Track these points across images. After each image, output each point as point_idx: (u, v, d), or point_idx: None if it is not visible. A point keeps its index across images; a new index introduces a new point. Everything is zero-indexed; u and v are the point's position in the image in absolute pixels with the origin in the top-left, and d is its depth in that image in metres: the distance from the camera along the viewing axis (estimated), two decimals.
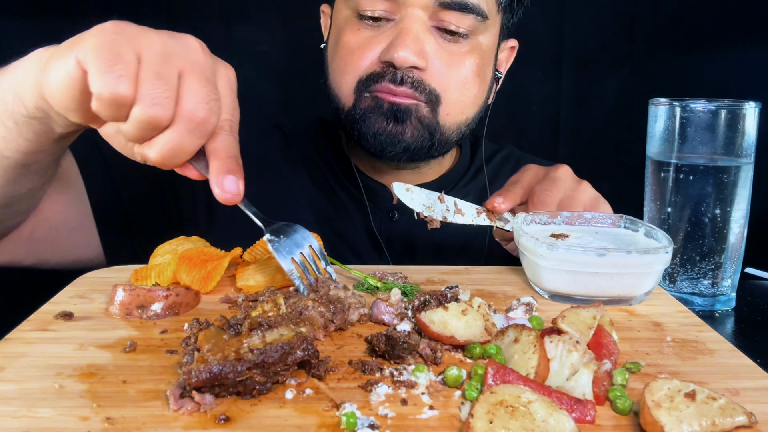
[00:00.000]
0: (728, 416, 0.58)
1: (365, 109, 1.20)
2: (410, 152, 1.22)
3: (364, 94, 1.20)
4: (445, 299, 0.80)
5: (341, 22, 1.25)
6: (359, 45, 1.20)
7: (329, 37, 1.32)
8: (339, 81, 1.24)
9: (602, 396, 0.64)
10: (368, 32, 1.20)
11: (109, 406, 0.61)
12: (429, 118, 1.20)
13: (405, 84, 1.17)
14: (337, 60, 1.24)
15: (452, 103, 1.22)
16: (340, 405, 0.62)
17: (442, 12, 1.17)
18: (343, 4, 1.25)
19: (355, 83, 1.21)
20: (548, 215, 1.06)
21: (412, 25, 1.16)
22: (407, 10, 1.17)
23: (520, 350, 0.70)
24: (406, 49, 1.14)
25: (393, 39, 1.17)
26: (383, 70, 1.18)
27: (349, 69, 1.21)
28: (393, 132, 1.19)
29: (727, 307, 1.04)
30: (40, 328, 0.78)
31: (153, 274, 0.93)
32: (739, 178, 1.01)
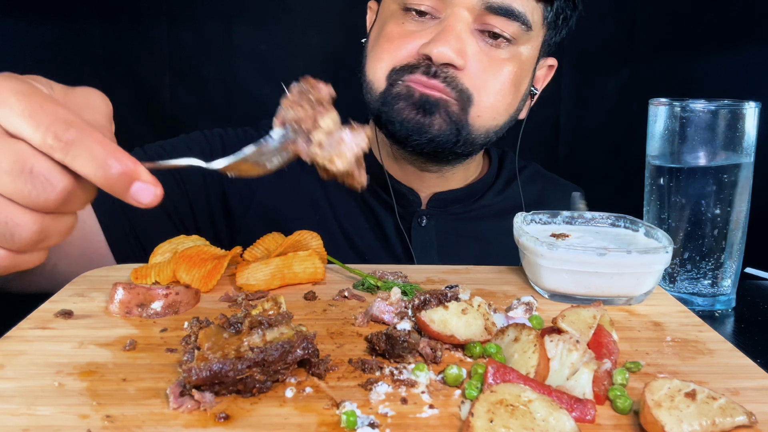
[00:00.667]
0: (728, 416, 0.58)
1: (395, 95, 1.20)
2: (434, 144, 1.22)
3: (397, 81, 1.21)
4: (445, 298, 0.80)
5: (386, 16, 1.27)
6: (400, 35, 1.22)
7: (372, 29, 1.33)
8: (374, 67, 1.25)
9: (602, 395, 0.64)
10: (412, 26, 1.22)
11: (108, 404, 0.61)
12: (458, 114, 1.20)
13: (437, 78, 1.17)
14: (376, 48, 1.26)
15: (485, 106, 1.22)
16: (340, 404, 0.62)
17: (488, 16, 1.18)
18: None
19: (389, 70, 1.22)
20: (548, 215, 1.06)
21: (455, 23, 1.17)
22: (453, 9, 1.18)
23: (520, 349, 0.70)
24: (446, 46, 1.15)
25: (435, 35, 1.18)
26: (418, 62, 1.19)
27: (386, 56, 1.23)
28: (421, 122, 1.19)
29: (727, 307, 1.04)
30: (40, 327, 0.78)
31: (153, 273, 0.93)
32: (739, 178, 1.01)
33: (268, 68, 1.98)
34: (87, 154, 0.55)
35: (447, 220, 1.39)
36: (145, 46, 1.93)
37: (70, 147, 0.55)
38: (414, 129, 1.20)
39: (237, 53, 1.96)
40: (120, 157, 0.56)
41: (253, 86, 1.98)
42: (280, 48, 1.97)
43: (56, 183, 0.56)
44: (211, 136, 1.41)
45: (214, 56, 1.97)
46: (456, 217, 1.40)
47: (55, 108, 0.55)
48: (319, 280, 0.98)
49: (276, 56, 1.98)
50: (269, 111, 2.25)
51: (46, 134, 0.54)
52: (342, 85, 1.35)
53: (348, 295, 0.92)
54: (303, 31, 1.96)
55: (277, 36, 1.97)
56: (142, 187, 0.58)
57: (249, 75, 1.97)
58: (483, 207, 1.42)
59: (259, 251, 1.02)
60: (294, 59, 1.97)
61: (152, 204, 0.59)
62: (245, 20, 1.96)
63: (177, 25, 1.93)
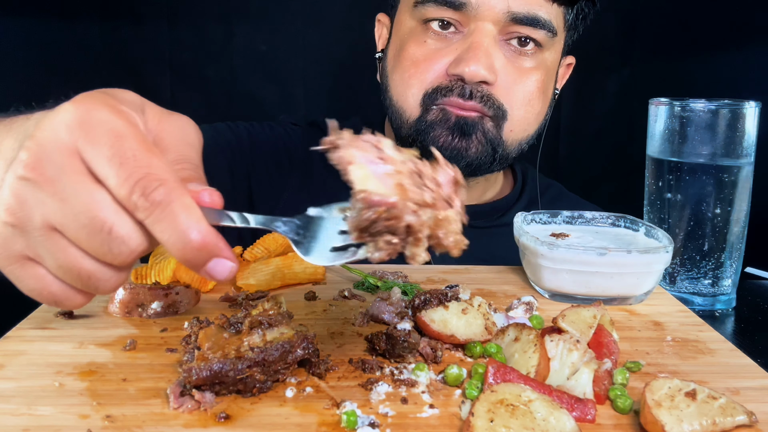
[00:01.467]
0: (728, 415, 0.58)
1: (432, 121, 1.18)
2: (473, 167, 1.20)
3: (431, 106, 1.18)
4: (445, 298, 0.80)
5: (405, 34, 1.23)
6: (425, 57, 1.18)
7: (388, 47, 1.30)
8: (404, 93, 1.22)
9: (603, 395, 0.64)
10: (435, 44, 1.19)
11: (109, 404, 0.61)
12: (493, 133, 1.19)
13: (474, 98, 1.15)
14: (401, 72, 1.22)
15: (517, 119, 1.21)
16: (340, 403, 0.62)
17: (513, 26, 1.16)
18: (407, 14, 1.22)
19: (421, 95, 1.19)
20: (548, 215, 1.06)
21: (482, 39, 1.14)
22: (477, 24, 1.15)
23: (520, 349, 0.70)
24: (477, 64, 1.12)
25: (462, 52, 1.15)
26: (451, 84, 1.16)
27: (415, 81, 1.19)
28: (458, 147, 1.17)
29: (728, 307, 1.04)
30: (40, 326, 0.78)
31: (153, 273, 0.93)
32: (739, 177, 1.01)
33: (268, 68, 1.98)
34: (170, 221, 0.51)
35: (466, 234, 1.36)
36: (145, 46, 1.93)
37: (155, 209, 0.51)
38: (452, 156, 1.17)
39: (237, 53, 1.96)
40: (202, 230, 0.52)
41: (253, 86, 1.98)
42: (280, 48, 1.97)
43: (133, 246, 0.53)
44: (237, 128, 1.38)
45: (214, 56, 1.97)
46: (476, 232, 1.34)
47: (149, 159, 0.51)
48: (319, 280, 0.97)
49: (276, 56, 1.98)
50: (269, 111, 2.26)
51: (134, 190, 0.51)
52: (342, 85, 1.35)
53: (348, 295, 0.92)
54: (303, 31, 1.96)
55: (277, 36, 1.97)
56: (220, 263, 0.54)
57: (249, 75, 1.98)
58: (503, 225, 1.36)
59: (259, 251, 1.02)
60: (294, 59, 1.97)
61: (225, 280, 0.55)
62: (245, 20, 1.96)
63: (177, 25, 1.93)
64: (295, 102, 2.02)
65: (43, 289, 0.55)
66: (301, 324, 0.71)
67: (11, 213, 0.53)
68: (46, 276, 0.55)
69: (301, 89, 1.99)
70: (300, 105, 2.02)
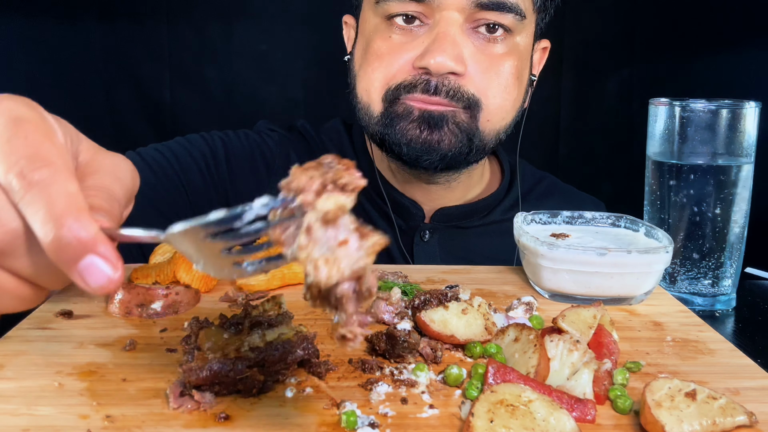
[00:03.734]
0: (729, 416, 0.58)
1: (395, 116, 1.14)
2: (447, 159, 1.15)
3: (394, 100, 1.14)
4: (445, 298, 0.80)
5: (370, 31, 1.19)
6: (390, 50, 1.15)
7: (355, 47, 1.26)
8: (367, 88, 1.18)
9: (603, 395, 0.64)
10: (400, 38, 1.14)
11: (108, 404, 0.61)
12: (467, 123, 1.14)
13: (440, 93, 1.11)
14: (365, 67, 1.18)
15: (493, 108, 1.16)
16: (340, 404, 0.62)
17: (479, 12, 1.11)
18: (371, 12, 1.19)
19: (384, 90, 1.15)
20: (548, 215, 1.06)
21: (448, 28, 1.09)
22: (442, 14, 1.10)
23: (520, 349, 0.70)
24: (443, 54, 1.08)
25: (428, 44, 1.11)
26: (415, 79, 1.12)
27: (378, 75, 1.15)
28: (428, 140, 1.13)
29: (728, 307, 1.04)
30: (39, 326, 0.78)
31: (153, 273, 0.92)
32: (740, 177, 1.01)
33: (268, 68, 1.98)
34: (45, 203, 0.45)
35: (451, 235, 1.32)
36: (145, 46, 1.93)
37: (31, 189, 0.45)
38: (423, 149, 1.13)
39: (237, 53, 1.96)
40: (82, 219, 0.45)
41: (253, 86, 1.98)
42: (280, 48, 1.97)
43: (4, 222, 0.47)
44: (211, 139, 1.35)
45: (214, 56, 1.97)
46: (461, 231, 1.33)
47: (41, 141, 0.47)
48: None
49: (276, 56, 1.98)
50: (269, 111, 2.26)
51: (12, 169, 0.46)
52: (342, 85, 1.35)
53: None
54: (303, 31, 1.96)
55: (277, 36, 1.97)
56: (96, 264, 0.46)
57: (249, 75, 1.98)
58: (491, 223, 1.35)
59: None
60: (294, 59, 1.97)
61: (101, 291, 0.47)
62: (245, 20, 1.96)
63: (177, 25, 1.94)
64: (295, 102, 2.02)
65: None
66: (301, 324, 0.71)
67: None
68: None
69: (300, 89, 1.99)
70: (300, 105, 2.02)
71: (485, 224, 1.35)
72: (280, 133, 1.42)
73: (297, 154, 1.38)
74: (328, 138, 1.40)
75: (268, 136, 1.40)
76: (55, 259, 0.46)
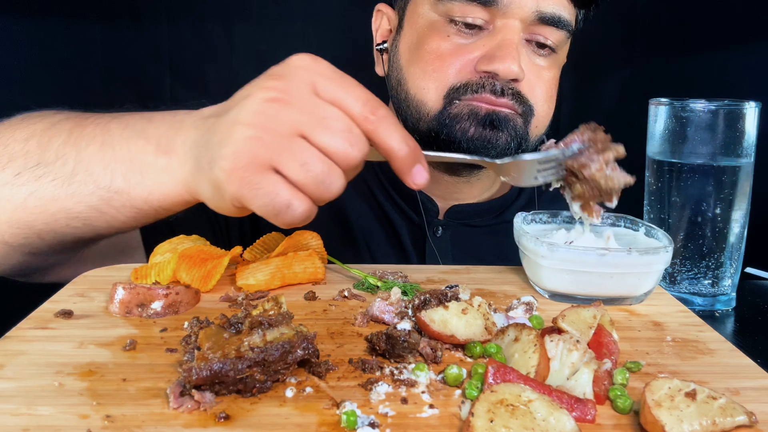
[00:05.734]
0: (728, 416, 0.58)
1: (457, 115, 1.16)
2: (495, 155, 1.16)
3: (455, 101, 1.16)
4: (445, 298, 0.80)
5: (423, 26, 1.20)
6: (450, 52, 1.17)
7: (400, 39, 1.26)
8: (425, 86, 1.19)
9: (602, 395, 0.64)
10: (460, 39, 1.17)
11: (108, 404, 0.61)
12: (522, 129, 1.19)
13: (506, 96, 1.15)
14: (422, 65, 1.19)
15: (541, 115, 1.22)
16: (340, 403, 0.62)
17: (537, 26, 1.16)
18: (428, 7, 1.20)
19: (446, 89, 1.17)
20: (548, 215, 1.06)
21: (513, 36, 1.14)
22: (506, 21, 1.14)
23: (520, 349, 0.70)
24: (513, 62, 1.12)
25: (493, 49, 1.14)
26: (482, 81, 1.14)
27: (439, 75, 1.17)
28: (488, 137, 1.16)
29: (728, 307, 1.04)
30: (39, 326, 0.78)
31: (153, 273, 0.93)
32: (739, 177, 1.01)
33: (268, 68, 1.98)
34: (394, 130, 0.71)
35: (464, 232, 1.35)
36: (145, 46, 1.93)
37: (383, 121, 0.70)
38: (481, 144, 1.16)
39: (237, 53, 1.96)
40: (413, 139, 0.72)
41: None
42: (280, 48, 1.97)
43: (361, 146, 0.70)
44: None
45: (214, 56, 1.97)
46: (474, 230, 1.36)
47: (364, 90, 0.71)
48: (319, 280, 0.97)
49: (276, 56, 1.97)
50: None
51: (365, 108, 0.70)
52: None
53: (348, 295, 0.92)
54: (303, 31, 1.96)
55: (277, 36, 1.97)
56: (421, 170, 0.73)
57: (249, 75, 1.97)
58: (503, 223, 1.36)
59: (259, 251, 1.02)
60: None
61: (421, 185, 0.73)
62: (245, 20, 1.96)
63: (177, 25, 1.93)
64: None
65: (275, 196, 0.68)
66: (301, 324, 0.71)
67: (261, 127, 0.68)
68: (278, 183, 0.68)
69: None
70: None
71: (498, 224, 1.37)
72: None
73: None
74: None
75: None
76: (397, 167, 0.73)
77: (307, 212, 0.70)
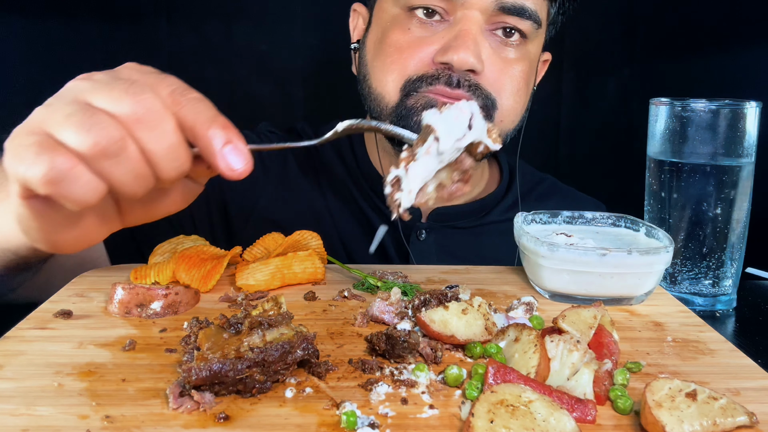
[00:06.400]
0: (729, 416, 0.58)
1: (413, 107, 1.14)
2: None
3: (412, 93, 1.14)
4: (445, 298, 0.80)
5: (387, 21, 1.20)
6: (409, 43, 1.15)
7: (368, 35, 1.26)
8: (383, 79, 1.18)
9: (603, 395, 0.64)
10: (420, 31, 1.16)
11: (108, 405, 0.61)
12: None
13: (462, 87, 1.12)
14: (382, 58, 1.19)
15: (506, 109, 1.18)
16: (340, 404, 0.62)
17: (500, 15, 1.13)
18: (392, 2, 1.20)
19: (402, 82, 1.15)
20: (549, 215, 1.06)
21: (471, 27, 1.11)
22: (465, 12, 1.12)
23: (520, 350, 0.70)
24: (467, 51, 1.09)
25: (450, 40, 1.12)
26: (437, 72, 1.13)
27: (396, 67, 1.16)
28: None
29: (728, 307, 1.04)
30: (39, 327, 0.78)
31: (152, 273, 0.92)
32: (740, 177, 1.00)
33: (268, 68, 1.98)
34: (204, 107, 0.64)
35: (448, 235, 1.33)
36: (145, 46, 1.93)
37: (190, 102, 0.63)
38: None
39: (237, 53, 1.96)
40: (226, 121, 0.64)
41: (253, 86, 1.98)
42: (280, 48, 1.97)
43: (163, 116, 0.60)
44: None
45: (214, 56, 1.97)
46: (458, 232, 1.34)
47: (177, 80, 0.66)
48: (319, 280, 0.97)
49: (276, 56, 1.98)
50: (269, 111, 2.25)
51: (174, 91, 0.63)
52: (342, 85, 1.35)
53: (348, 295, 0.91)
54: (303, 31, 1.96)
55: (277, 36, 1.97)
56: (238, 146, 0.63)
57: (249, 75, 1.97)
58: (489, 224, 1.36)
59: (259, 251, 1.02)
60: (294, 59, 1.97)
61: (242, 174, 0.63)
62: (245, 20, 1.96)
63: (177, 25, 1.93)
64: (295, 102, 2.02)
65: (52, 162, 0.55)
66: (301, 324, 0.71)
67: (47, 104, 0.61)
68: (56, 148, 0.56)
69: (300, 89, 1.98)
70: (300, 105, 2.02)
71: (483, 224, 1.35)
72: (279, 135, 1.42)
73: (294, 157, 1.39)
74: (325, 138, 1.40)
75: (267, 138, 1.41)
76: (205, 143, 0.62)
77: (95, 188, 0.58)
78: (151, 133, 0.59)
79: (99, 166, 0.57)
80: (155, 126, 0.60)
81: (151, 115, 0.59)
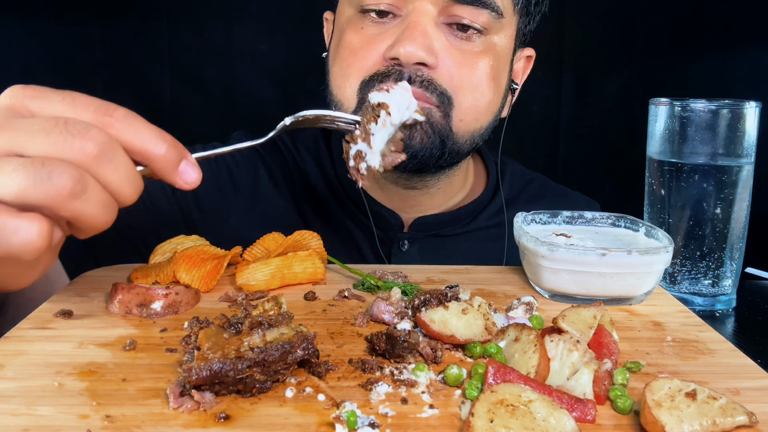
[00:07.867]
0: (729, 416, 0.58)
1: None
2: (417, 160, 1.09)
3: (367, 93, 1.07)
4: (445, 298, 0.80)
5: (343, 23, 1.15)
6: (362, 43, 1.10)
7: (331, 42, 1.22)
8: (341, 84, 1.13)
9: (603, 395, 0.64)
10: (372, 30, 1.10)
11: (108, 405, 0.61)
12: (441, 124, 1.08)
13: (413, 84, 1.04)
14: (339, 62, 1.14)
15: (465, 107, 1.10)
16: (340, 404, 0.62)
17: (454, 6, 1.06)
18: (346, 4, 1.15)
19: (357, 84, 1.10)
20: (548, 215, 1.06)
21: (419, 19, 1.05)
22: (415, 4, 1.06)
23: (520, 349, 0.70)
24: (413, 44, 1.03)
25: (399, 34, 1.06)
26: (388, 69, 1.07)
27: (352, 70, 1.11)
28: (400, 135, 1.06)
29: (728, 307, 1.04)
30: (39, 326, 0.78)
31: (153, 273, 0.93)
32: (740, 177, 1.01)
33: (268, 68, 1.98)
34: (141, 126, 0.63)
35: (432, 244, 1.28)
36: (145, 46, 1.93)
37: (122, 121, 0.62)
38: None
39: (237, 53, 1.96)
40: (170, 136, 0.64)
41: (253, 86, 1.98)
42: (280, 48, 1.97)
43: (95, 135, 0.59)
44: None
45: (214, 56, 1.97)
46: (443, 240, 1.28)
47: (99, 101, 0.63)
48: (319, 280, 0.97)
49: (276, 56, 1.98)
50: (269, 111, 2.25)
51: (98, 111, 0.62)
52: None
53: (348, 295, 0.92)
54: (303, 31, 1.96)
55: (277, 36, 1.97)
56: (189, 167, 0.66)
57: (249, 75, 1.98)
58: (475, 230, 1.30)
59: (259, 251, 1.02)
60: (294, 59, 1.97)
61: (196, 184, 0.66)
62: (245, 20, 1.96)
63: (177, 25, 1.94)
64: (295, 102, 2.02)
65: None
66: (301, 324, 0.71)
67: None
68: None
69: (300, 89, 1.99)
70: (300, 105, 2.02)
71: (469, 231, 1.30)
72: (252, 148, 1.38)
73: (267, 170, 1.34)
74: (305, 148, 1.36)
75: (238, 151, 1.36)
76: (163, 164, 0.64)
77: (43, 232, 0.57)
78: (109, 165, 0.60)
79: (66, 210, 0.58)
80: (111, 158, 0.60)
81: (105, 148, 0.60)
